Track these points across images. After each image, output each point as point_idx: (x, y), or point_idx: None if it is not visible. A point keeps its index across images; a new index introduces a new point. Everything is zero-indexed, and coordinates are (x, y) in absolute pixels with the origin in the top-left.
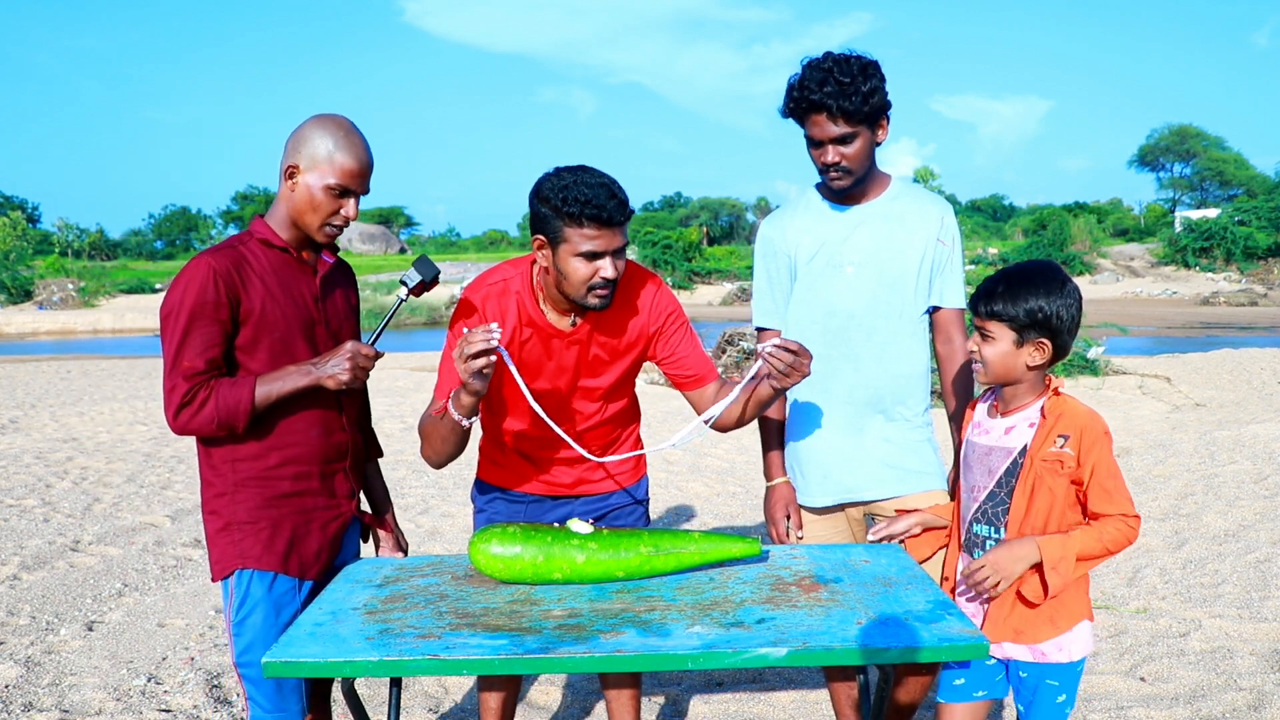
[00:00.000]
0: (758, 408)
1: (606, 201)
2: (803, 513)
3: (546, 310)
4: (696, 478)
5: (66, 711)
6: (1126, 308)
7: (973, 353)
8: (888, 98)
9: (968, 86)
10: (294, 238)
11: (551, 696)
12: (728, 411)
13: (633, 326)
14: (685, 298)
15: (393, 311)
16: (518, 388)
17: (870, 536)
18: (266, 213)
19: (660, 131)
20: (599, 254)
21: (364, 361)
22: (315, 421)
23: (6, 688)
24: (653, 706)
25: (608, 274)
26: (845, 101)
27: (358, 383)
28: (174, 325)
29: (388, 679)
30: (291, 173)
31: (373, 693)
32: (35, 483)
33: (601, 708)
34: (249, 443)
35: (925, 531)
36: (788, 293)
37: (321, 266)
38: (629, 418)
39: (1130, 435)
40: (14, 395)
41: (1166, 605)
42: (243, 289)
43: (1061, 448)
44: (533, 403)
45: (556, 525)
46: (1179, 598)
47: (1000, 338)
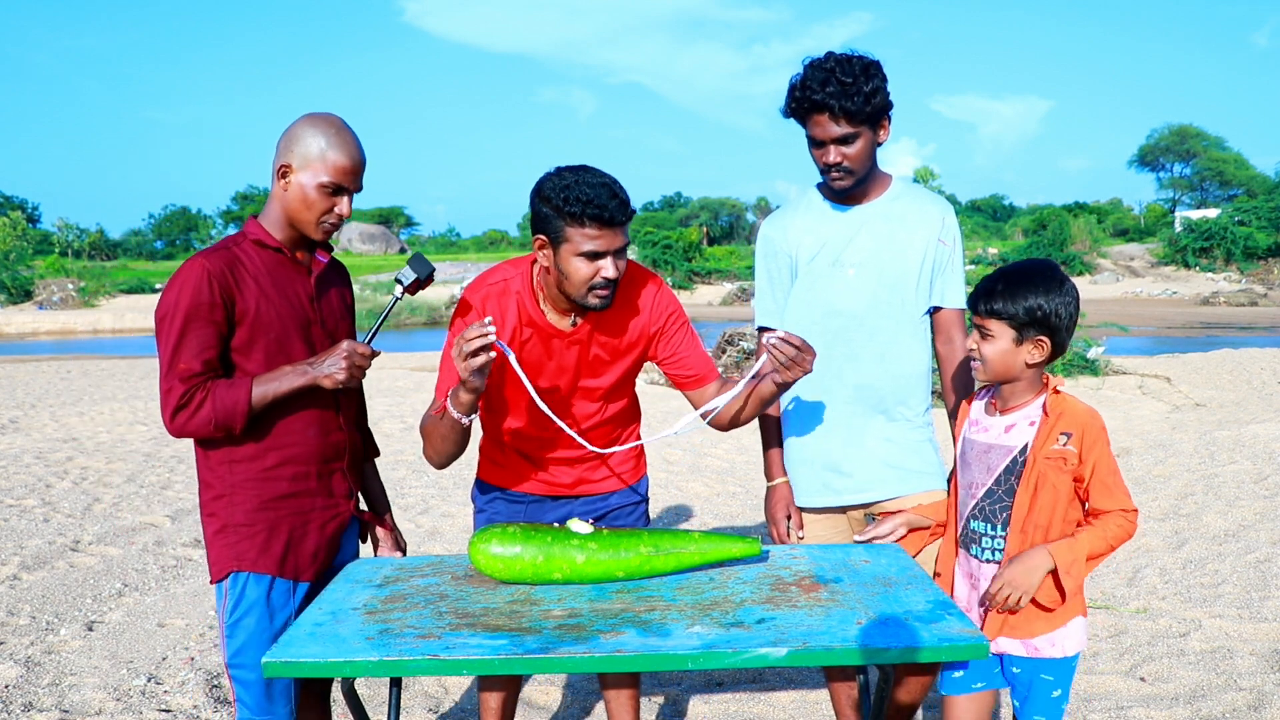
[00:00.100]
0: (758, 406)
1: (608, 201)
2: (803, 513)
3: (547, 310)
4: (696, 478)
5: (66, 711)
6: (1126, 308)
7: (972, 351)
8: (889, 98)
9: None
10: (288, 238)
11: (551, 696)
12: (727, 409)
13: (633, 326)
14: (685, 298)
15: (388, 310)
16: (518, 386)
17: (856, 538)
18: (260, 213)
19: (660, 131)
20: (600, 254)
21: (360, 360)
22: (312, 421)
23: (6, 688)
24: (652, 706)
25: (609, 274)
26: (847, 102)
27: (354, 382)
28: (169, 328)
29: (388, 679)
30: (284, 172)
31: (373, 693)
32: (35, 483)
33: (601, 708)
34: (246, 444)
35: (910, 532)
36: (789, 292)
37: (316, 266)
38: (629, 417)
39: (1130, 435)
40: (14, 395)
41: (1166, 605)
42: (237, 290)
43: (1065, 445)
44: (535, 396)
45: (556, 525)
46: (1179, 598)
47: (1000, 336)
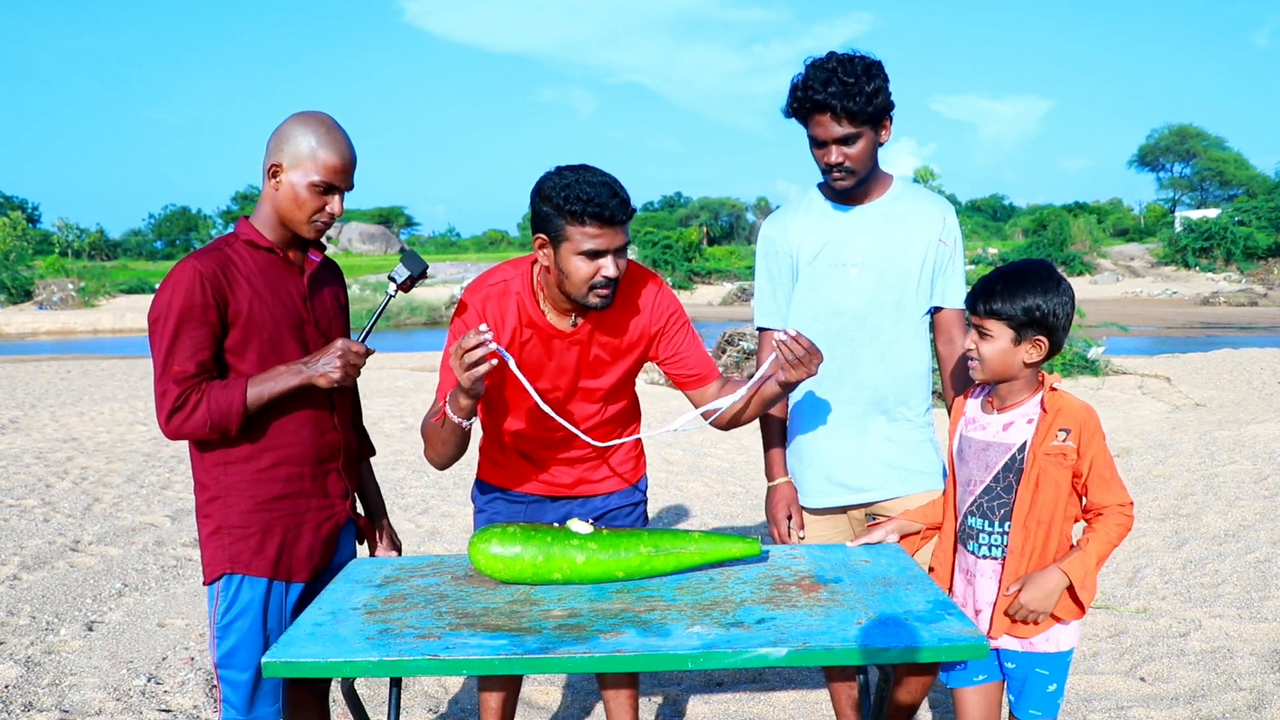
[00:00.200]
0: (760, 406)
1: (608, 200)
2: (804, 513)
3: (547, 311)
4: (696, 478)
5: (66, 711)
6: (1126, 308)
7: (970, 351)
8: (891, 98)
9: (968, 86)
10: (280, 237)
11: (551, 696)
12: (733, 409)
13: (634, 327)
14: (685, 298)
15: (381, 308)
16: (518, 388)
17: (848, 545)
18: (252, 214)
19: (660, 131)
20: (601, 252)
21: (355, 359)
22: (307, 421)
23: (6, 688)
24: (652, 706)
25: (609, 273)
26: (849, 102)
27: (349, 380)
28: (162, 330)
29: (388, 679)
30: (275, 171)
31: (373, 693)
32: (35, 483)
33: (601, 708)
34: (240, 445)
35: (903, 538)
36: (789, 293)
37: (309, 265)
38: (629, 418)
39: (1130, 435)
40: (14, 395)
41: (1166, 605)
42: (229, 291)
43: (1064, 441)
44: (538, 399)
45: (556, 525)
46: (1179, 598)
47: (998, 336)
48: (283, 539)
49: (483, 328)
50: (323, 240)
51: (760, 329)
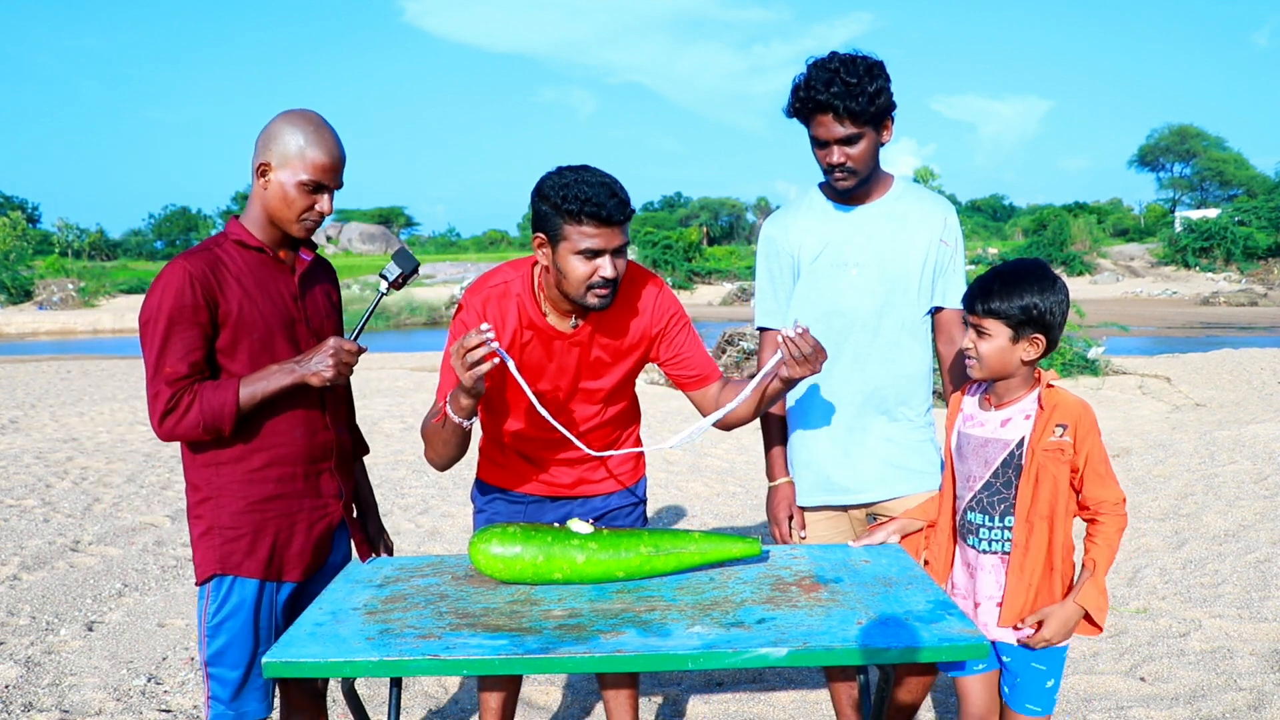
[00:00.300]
0: (763, 403)
1: (606, 200)
2: (805, 513)
3: (548, 312)
4: (696, 478)
5: (66, 711)
6: (1126, 308)
7: (968, 350)
8: (893, 98)
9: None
10: (270, 237)
11: (551, 696)
12: (735, 409)
13: (634, 328)
14: (685, 298)
15: (373, 306)
16: (518, 388)
17: (850, 546)
18: (242, 213)
19: (660, 131)
20: (598, 252)
21: (347, 357)
22: (299, 421)
23: (6, 688)
24: (652, 706)
25: (607, 273)
26: (852, 102)
27: (341, 379)
28: (153, 331)
29: (388, 679)
30: (263, 170)
31: (373, 693)
32: (35, 483)
33: (601, 708)
34: (232, 446)
35: (904, 538)
36: (790, 293)
37: (299, 265)
38: (629, 419)
39: (1130, 435)
40: (14, 395)
41: (1166, 605)
42: (220, 291)
43: (1061, 437)
44: (535, 403)
45: (556, 525)
46: (1179, 598)
47: (996, 335)
48: (274, 539)
49: (484, 326)
50: (313, 239)
51: (761, 329)
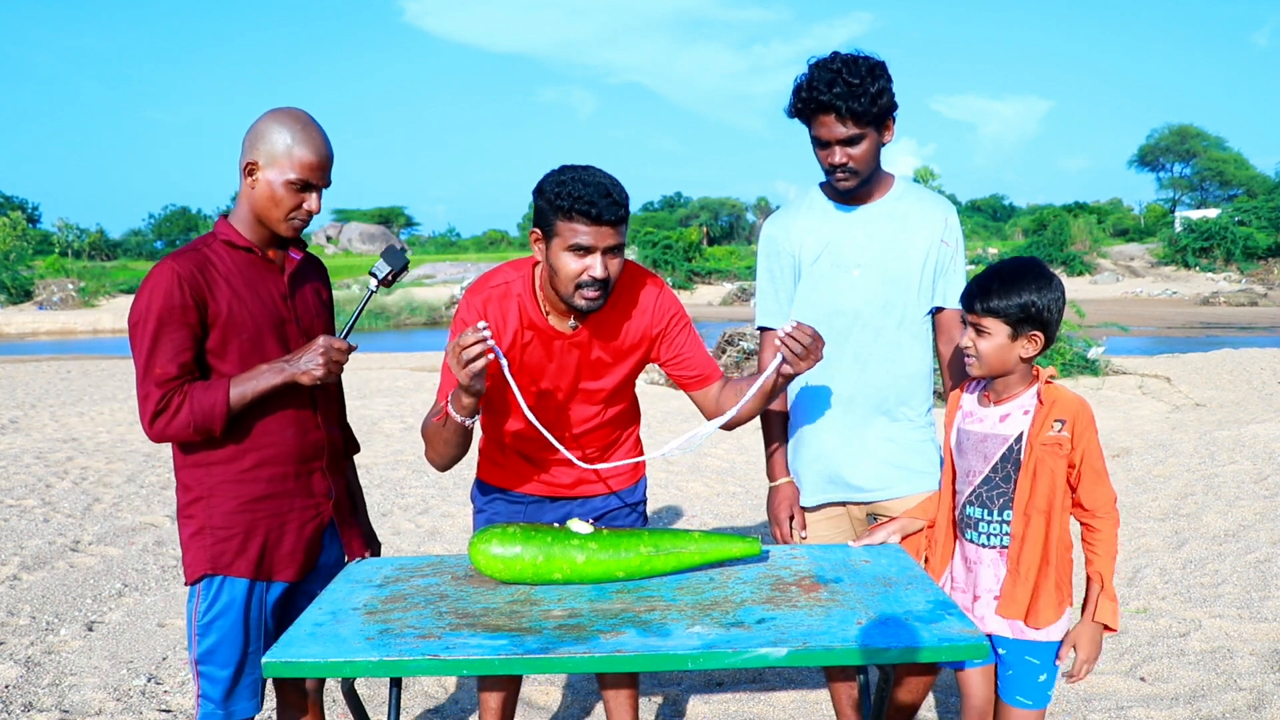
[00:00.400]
0: (762, 401)
1: (599, 199)
2: (805, 513)
3: (548, 312)
4: (696, 478)
5: (66, 711)
6: (1126, 308)
7: (967, 348)
8: (895, 99)
9: (968, 86)
10: (259, 236)
11: (551, 696)
12: (729, 406)
13: (635, 328)
14: (685, 298)
15: (363, 304)
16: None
17: (850, 546)
18: (230, 213)
19: (660, 131)
20: (588, 249)
21: (337, 356)
22: (290, 421)
23: (6, 688)
24: (652, 706)
25: (596, 272)
26: (854, 103)
27: (332, 377)
28: (142, 333)
29: (388, 679)
30: (251, 169)
31: (373, 693)
32: (35, 483)
33: (601, 708)
34: (223, 445)
35: (905, 538)
36: (791, 292)
37: (289, 264)
38: (629, 419)
39: (1130, 435)
40: (14, 395)
41: (1166, 605)
42: (209, 292)
43: (1059, 432)
44: (527, 412)
45: (556, 525)
46: (1179, 598)
47: (996, 333)
48: (265, 539)
49: (481, 325)
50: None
51: (761, 329)
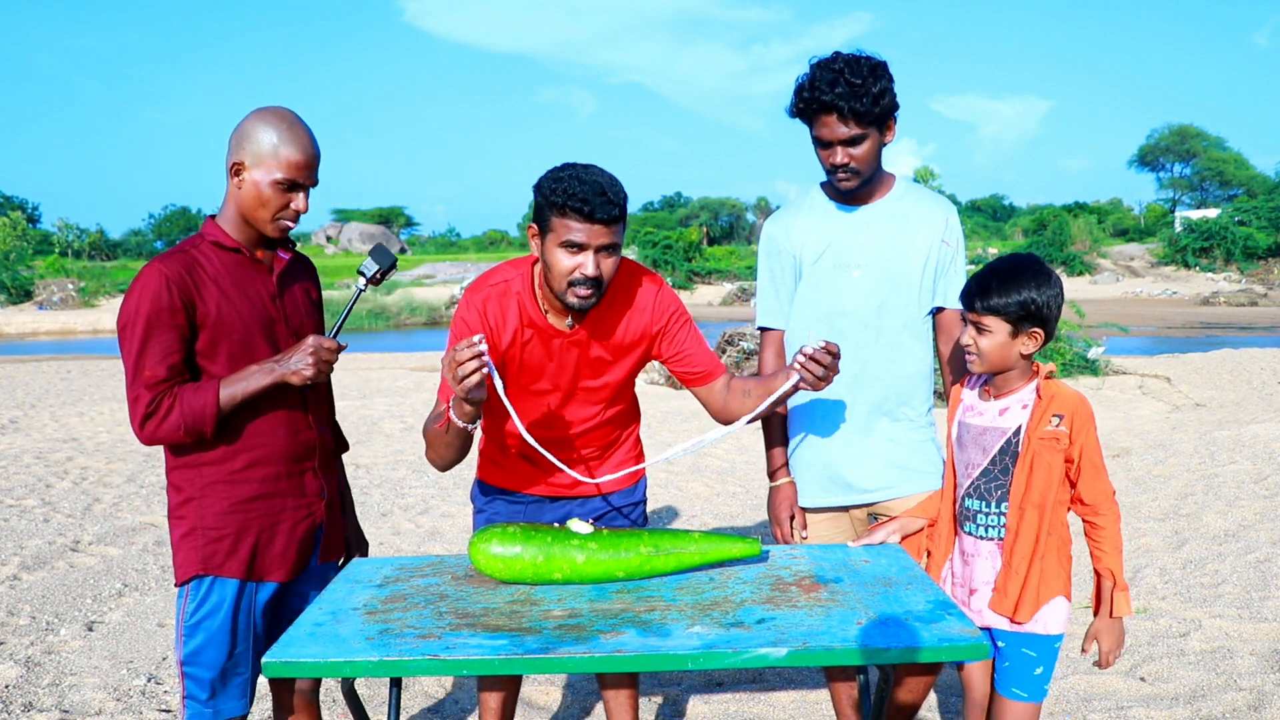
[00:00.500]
0: (770, 408)
1: (593, 197)
2: (806, 513)
3: (547, 311)
4: (696, 478)
5: (66, 711)
6: (1126, 308)
7: (968, 346)
8: (896, 99)
9: (968, 86)
10: (246, 237)
11: (551, 696)
12: (735, 406)
13: (635, 327)
14: (685, 298)
15: (351, 303)
16: (518, 389)
17: (850, 546)
18: (218, 213)
19: (660, 131)
20: (580, 246)
21: (327, 355)
22: (281, 421)
23: (6, 688)
24: (652, 706)
25: (588, 270)
26: (856, 103)
27: (322, 377)
28: (131, 335)
29: (388, 679)
30: (237, 170)
31: (373, 693)
32: (35, 483)
33: (601, 708)
34: (215, 447)
35: (905, 538)
36: (792, 292)
37: (277, 264)
38: (629, 418)
39: (1130, 435)
40: (14, 395)
41: (1166, 605)
42: (197, 293)
43: (1057, 426)
44: (525, 434)
45: (556, 525)
46: (1179, 598)
47: (996, 331)
48: (257, 539)
49: (476, 338)
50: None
51: (762, 329)
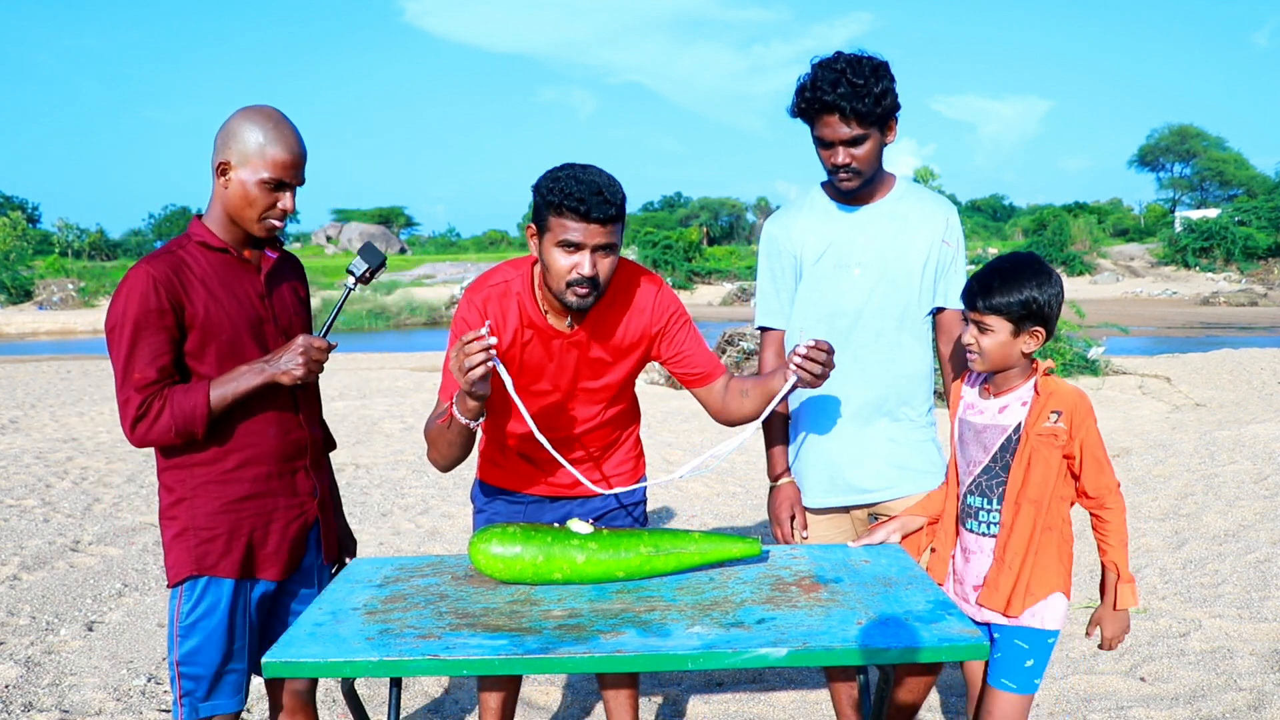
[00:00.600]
0: (766, 402)
1: (590, 197)
2: (807, 513)
3: (547, 311)
4: (696, 477)
5: (66, 711)
6: (1126, 308)
7: (969, 345)
8: (898, 99)
9: (968, 86)
10: (234, 237)
11: (551, 696)
12: (735, 406)
13: (635, 327)
14: (685, 298)
15: (341, 302)
16: (520, 388)
17: (850, 546)
18: (205, 213)
19: (660, 131)
20: (577, 245)
21: (316, 355)
22: (272, 421)
23: (6, 688)
24: (652, 706)
25: (584, 270)
26: (858, 103)
27: (312, 377)
28: (120, 338)
29: (388, 679)
30: (223, 169)
31: (373, 693)
32: (35, 483)
33: (601, 708)
34: (206, 447)
35: (905, 538)
36: (792, 292)
37: (265, 263)
38: (629, 419)
39: (1130, 435)
40: (14, 395)
41: (1166, 605)
42: (185, 294)
43: (1055, 423)
44: (534, 429)
45: (556, 525)
46: (1179, 598)
47: (998, 330)
48: (249, 539)
49: (484, 329)
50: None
51: (762, 328)
